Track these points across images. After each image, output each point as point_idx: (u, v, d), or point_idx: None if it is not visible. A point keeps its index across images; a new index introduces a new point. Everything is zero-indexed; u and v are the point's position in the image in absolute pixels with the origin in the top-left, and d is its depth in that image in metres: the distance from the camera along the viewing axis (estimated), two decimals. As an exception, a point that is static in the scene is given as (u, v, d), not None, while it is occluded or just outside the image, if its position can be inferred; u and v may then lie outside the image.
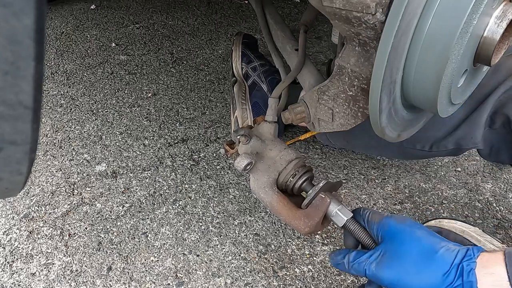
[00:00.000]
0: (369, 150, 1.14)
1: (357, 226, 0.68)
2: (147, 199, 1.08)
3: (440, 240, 0.61)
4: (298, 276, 0.91)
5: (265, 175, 0.72)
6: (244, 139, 0.74)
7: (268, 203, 0.71)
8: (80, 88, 1.49)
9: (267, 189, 0.71)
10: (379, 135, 0.61)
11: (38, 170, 1.17)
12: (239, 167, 0.71)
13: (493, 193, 1.09)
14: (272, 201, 0.70)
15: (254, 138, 0.75)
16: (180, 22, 1.92)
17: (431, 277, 0.57)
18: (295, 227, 0.70)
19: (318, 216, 0.68)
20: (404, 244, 0.61)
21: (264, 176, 0.71)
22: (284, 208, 0.70)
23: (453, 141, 0.87)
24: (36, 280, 0.90)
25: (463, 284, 0.56)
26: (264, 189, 0.71)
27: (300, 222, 0.68)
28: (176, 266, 0.93)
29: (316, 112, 0.74)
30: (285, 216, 0.70)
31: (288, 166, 0.72)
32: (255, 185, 0.72)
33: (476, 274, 0.55)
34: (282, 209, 0.70)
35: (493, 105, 0.80)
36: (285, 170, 0.72)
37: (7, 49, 0.29)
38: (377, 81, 0.51)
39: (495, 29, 0.52)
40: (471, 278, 0.55)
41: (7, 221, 1.02)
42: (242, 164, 0.70)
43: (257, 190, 0.72)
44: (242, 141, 0.74)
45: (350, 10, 0.52)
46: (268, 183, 0.71)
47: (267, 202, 0.71)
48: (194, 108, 1.39)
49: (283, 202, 0.70)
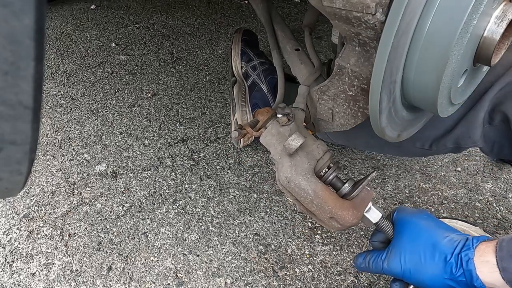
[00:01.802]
0: (369, 148, 1.14)
1: (388, 223, 0.68)
2: (147, 199, 1.08)
3: (445, 231, 0.65)
4: (298, 276, 0.91)
5: (305, 162, 0.65)
6: (285, 120, 0.67)
7: (311, 191, 0.64)
8: (80, 88, 1.49)
9: (309, 176, 0.64)
10: (379, 135, 0.61)
11: (38, 170, 1.17)
12: (294, 145, 0.62)
13: (493, 193, 1.09)
14: (316, 189, 0.64)
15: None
16: (180, 22, 1.92)
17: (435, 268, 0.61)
18: (341, 218, 0.64)
19: (363, 208, 0.66)
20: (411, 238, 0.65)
21: (305, 163, 0.65)
22: (331, 197, 0.64)
23: (452, 139, 0.87)
24: (36, 280, 0.90)
25: (464, 273, 0.59)
26: (306, 176, 0.64)
27: (349, 213, 0.64)
28: (176, 266, 0.93)
29: (316, 112, 0.74)
30: (332, 206, 0.64)
31: (325, 156, 0.67)
32: (293, 172, 0.64)
33: (475, 262, 0.59)
34: (329, 198, 0.64)
35: (490, 102, 0.80)
36: (322, 160, 0.67)
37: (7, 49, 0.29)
38: (377, 81, 0.51)
39: (495, 29, 0.52)
40: (470, 267, 0.59)
41: (7, 221, 1.02)
42: (298, 142, 0.62)
43: (295, 177, 0.64)
44: (282, 121, 0.67)
45: (350, 10, 0.52)
46: (310, 170, 0.65)
47: (309, 190, 0.64)
48: (194, 108, 1.39)
49: (329, 190, 0.65)
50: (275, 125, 0.68)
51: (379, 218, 0.67)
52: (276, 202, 1.07)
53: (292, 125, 0.68)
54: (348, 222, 0.65)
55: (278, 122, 0.69)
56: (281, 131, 0.68)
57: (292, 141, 0.62)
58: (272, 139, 0.68)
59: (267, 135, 0.69)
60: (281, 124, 0.68)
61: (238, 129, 0.75)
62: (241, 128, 0.75)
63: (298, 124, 0.70)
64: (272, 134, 0.68)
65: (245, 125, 0.74)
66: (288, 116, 0.67)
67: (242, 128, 0.75)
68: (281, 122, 0.67)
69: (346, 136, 1.06)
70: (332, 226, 0.67)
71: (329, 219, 0.65)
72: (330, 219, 0.65)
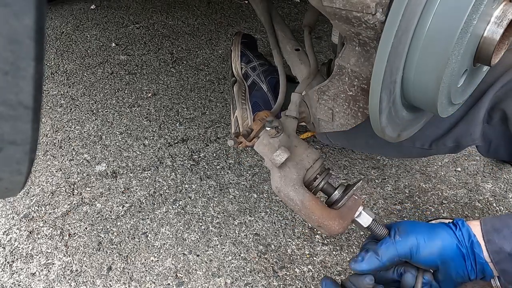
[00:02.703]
0: (369, 149, 1.14)
1: (380, 225, 0.69)
2: (147, 199, 1.08)
3: None
4: (298, 276, 0.91)
5: (294, 172, 0.67)
6: (274, 132, 0.69)
7: (299, 202, 0.66)
8: (80, 88, 1.49)
9: (297, 186, 0.66)
10: (379, 135, 0.61)
11: (38, 170, 1.17)
12: (278, 160, 0.65)
13: (493, 193, 1.09)
14: (304, 200, 0.66)
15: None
16: (180, 22, 1.92)
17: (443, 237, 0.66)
18: (327, 227, 0.66)
19: (351, 217, 0.68)
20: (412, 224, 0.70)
21: (293, 174, 0.67)
22: (318, 208, 0.66)
23: (452, 138, 0.87)
24: (36, 280, 0.90)
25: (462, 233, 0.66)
26: (294, 187, 0.66)
27: (335, 223, 0.66)
28: (176, 266, 0.93)
29: (316, 112, 0.74)
30: (318, 216, 0.66)
31: (315, 164, 0.69)
32: (282, 182, 0.67)
33: None
34: (315, 208, 0.66)
35: (490, 100, 0.80)
36: (311, 169, 0.69)
37: (7, 49, 0.29)
38: (377, 81, 0.51)
39: (495, 29, 0.52)
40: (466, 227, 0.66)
41: (7, 221, 1.02)
42: (283, 157, 0.65)
43: (284, 187, 0.67)
44: (271, 134, 0.69)
45: (350, 10, 0.52)
46: (298, 181, 0.67)
47: (297, 200, 0.66)
48: (194, 108, 1.39)
49: (316, 201, 0.67)
50: (266, 136, 0.71)
51: (370, 222, 0.68)
52: (276, 202, 1.07)
53: (281, 136, 0.70)
54: (334, 231, 0.67)
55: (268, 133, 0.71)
56: (271, 142, 0.70)
57: (277, 157, 0.66)
58: (264, 148, 0.70)
59: (259, 145, 0.71)
60: (270, 136, 0.70)
61: (234, 138, 0.77)
62: (237, 136, 0.77)
63: (289, 133, 0.72)
64: (264, 144, 0.71)
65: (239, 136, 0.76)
66: (276, 129, 0.69)
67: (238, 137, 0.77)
68: (270, 135, 0.70)
69: (345, 137, 1.06)
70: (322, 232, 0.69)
71: (317, 226, 0.68)
72: (318, 227, 0.68)
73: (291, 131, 0.73)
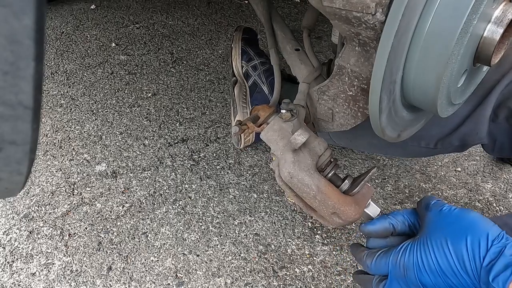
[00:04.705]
0: (372, 149, 1.13)
1: None
2: (147, 199, 1.08)
3: None
4: (298, 276, 0.91)
5: (308, 158, 0.65)
6: (289, 116, 0.67)
7: (314, 187, 0.64)
8: (80, 88, 1.49)
9: (312, 171, 0.65)
10: (379, 135, 0.61)
11: (38, 170, 1.17)
12: (300, 140, 0.63)
13: (493, 193, 1.09)
14: (319, 185, 0.64)
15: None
16: (180, 22, 1.92)
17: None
18: (344, 213, 0.65)
19: (364, 203, 0.66)
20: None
21: (308, 159, 0.65)
22: (334, 193, 0.64)
23: (459, 137, 0.86)
24: (36, 280, 0.90)
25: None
26: (309, 171, 0.64)
27: (351, 208, 0.65)
28: (176, 266, 0.93)
29: (316, 112, 0.74)
30: (335, 201, 0.64)
31: (326, 152, 0.68)
32: (296, 167, 0.65)
33: None
34: (332, 193, 0.64)
35: (497, 99, 0.80)
36: (323, 156, 0.67)
37: (7, 49, 0.29)
38: (377, 81, 0.51)
39: (495, 29, 0.52)
40: None
41: (7, 221, 1.02)
42: (305, 136, 0.63)
43: (298, 172, 0.64)
44: (286, 117, 0.68)
45: (350, 10, 0.52)
46: (312, 166, 0.65)
47: (312, 185, 0.64)
48: (194, 108, 1.39)
49: (332, 186, 0.65)
50: (278, 121, 0.68)
51: (378, 213, 0.68)
52: (276, 202, 1.07)
53: (295, 121, 0.68)
54: (351, 217, 0.65)
55: (281, 117, 0.69)
56: (284, 126, 0.68)
57: (299, 136, 0.63)
58: (274, 134, 0.68)
59: (269, 131, 0.69)
60: (284, 119, 0.68)
61: (238, 124, 0.75)
62: (240, 123, 0.75)
63: (300, 120, 0.70)
64: (274, 129, 0.68)
65: (245, 120, 0.73)
66: (292, 112, 0.67)
67: (242, 123, 0.74)
68: (285, 118, 0.68)
69: (348, 137, 1.05)
70: (333, 222, 0.66)
71: (331, 214, 0.66)
72: (332, 215, 0.66)
73: (302, 119, 0.71)
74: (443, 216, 0.58)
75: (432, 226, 0.58)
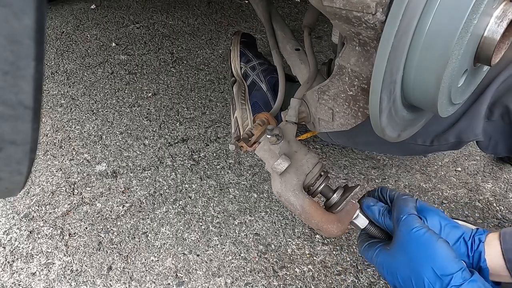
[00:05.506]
0: (369, 146, 1.13)
1: (375, 228, 0.71)
2: (147, 199, 1.08)
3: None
4: (298, 276, 0.91)
5: (294, 178, 0.70)
6: (274, 140, 0.71)
7: (299, 207, 0.69)
8: (80, 88, 1.49)
9: (297, 192, 0.69)
10: (379, 135, 0.61)
11: (38, 170, 1.17)
12: (279, 169, 0.68)
13: (493, 193, 1.09)
14: (304, 205, 0.69)
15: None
16: (180, 22, 1.92)
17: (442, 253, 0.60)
18: (326, 231, 0.69)
19: (348, 220, 0.70)
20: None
21: (294, 179, 0.70)
22: (317, 212, 0.69)
23: (454, 134, 0.86)
24: (36, 279, 0.90)
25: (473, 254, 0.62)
26: (294, 192, 0.69)
27: (333, 226, 0.69)
28: (176, 266, 0.93)
29: (316, 111, 0.74)
30: (318, 220, 0.68)
31: (314, 169, 0.71)
32: (283, 188, 0.69)
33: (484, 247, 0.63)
34: (315, 213, 0.68)
35: (492, 96, 0.80)
36: (311, 174, 0.71)
37: (7, 49, 0.29)
38: (378, 81, 0.51)
39: (496, 29, 0.52)
40: (480, 249, 0.62)
41: (7, 221, 1.02)
42: (284, 166, 0.68)
43: (284, 193, 0.69)
44: (271, 141, 0.71)
45: (350, 10, 0.52)
46: (298, 186, 0.69)
47: (297, 205, 0.69)
48: (194, 108, 1.39)
49: (315, 205, 0.69)
50: (267, 142, 0.73)
51: (366, 224, 0.71)
52: (276, 202, 1.07)
53: (281, 143, 0.72)
54: (333, 234, 0.70)
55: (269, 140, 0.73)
56: (271, 148, 0.72)
57: (278, 166, 0.68)
58: (265, 154, 0.72)
59: (260, 150, 0.73)
60: (271, 143, 0.72)
61: (235, 142, 0.79)
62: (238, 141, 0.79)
63: (289, 138, 0.74)
64: (265, 149, 0.73)
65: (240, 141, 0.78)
66: (277, 136, 0.71)
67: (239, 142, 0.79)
68: (271, 142, 0.72)
69: (346, 134, 1.05)
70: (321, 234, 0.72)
71: (317, 229, 0.71)
72: (318, 230, 0.71)
73: (291, 136, 0.75)
74: (412, 238, 0.62)
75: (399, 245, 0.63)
